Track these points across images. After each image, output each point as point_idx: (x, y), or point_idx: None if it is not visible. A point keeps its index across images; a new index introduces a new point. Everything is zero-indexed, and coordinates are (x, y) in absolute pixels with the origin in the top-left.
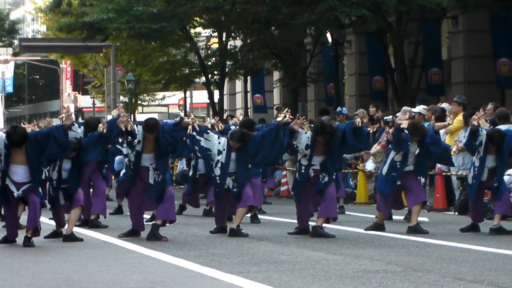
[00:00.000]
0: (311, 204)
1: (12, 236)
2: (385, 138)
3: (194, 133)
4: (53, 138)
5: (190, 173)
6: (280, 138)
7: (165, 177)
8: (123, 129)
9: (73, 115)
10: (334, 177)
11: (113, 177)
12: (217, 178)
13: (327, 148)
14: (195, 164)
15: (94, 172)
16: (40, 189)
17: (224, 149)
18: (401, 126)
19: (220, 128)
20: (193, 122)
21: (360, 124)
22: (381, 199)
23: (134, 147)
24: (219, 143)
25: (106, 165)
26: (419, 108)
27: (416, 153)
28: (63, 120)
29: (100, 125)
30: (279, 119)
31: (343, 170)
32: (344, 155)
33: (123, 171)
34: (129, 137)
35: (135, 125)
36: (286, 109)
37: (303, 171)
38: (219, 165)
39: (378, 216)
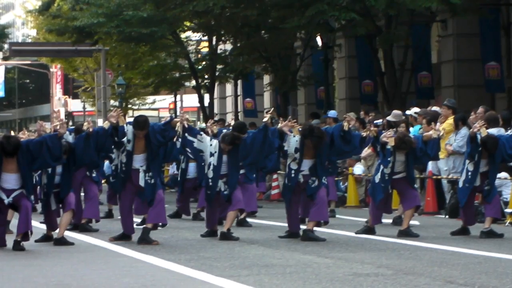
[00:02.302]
0: (301, 209)
1: (1, 243)
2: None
3: (186, 134)
4: (46, 148)
5: (178, 177)
6: (269, 139)
7: (156, 180)
8: (114, 122)
9: (66, 125)
10: (324, 181)
11: (103, 181)
12: (210, 180)
13: (316, 152)
14: (184, 168)
15: (85, 176)
16: (31, 197)
17: (215, 152)
18: (388, 145)
19: (214, 131)
20: (181, 119)
21: (347, 128)
22: (372, 205)
23: (124, 147)
24: (211, 145)
25: (96, 169)
26: (412, 111)
27: (404, 160)
28: (56, 128)
29: (85, 123)
30: (264, 119)
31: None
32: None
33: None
34: (116, 138)
35: (125, 124)
36: (272, 109)
37: (292, 175)
38: (211, 167)
39: (369, 220)
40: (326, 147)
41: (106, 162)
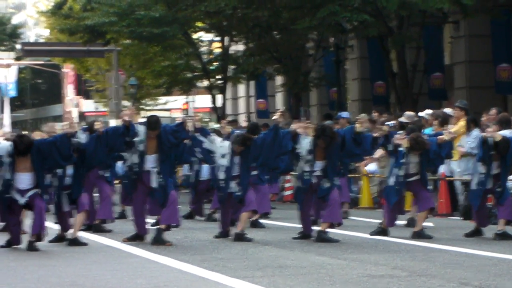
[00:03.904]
0: (313, 211)
1: (16, 242)
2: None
3: (198, 134)
4: (56, 148)
5: (192, 180)
6: (279, 139)
7: (168, 182)
8: (127, 119)
9: (76, 125)
10: (336, 182)
11: (117, 182)
12: (221, 182)
13: (327, 153)
14: (198, 170)
15: (98, 176)
16: (46, 196)
17: (227, 153)
18: (401, 147)
19: (228, 131)
20: (194, 120)
21: (359, 130)
22: (387, 207)
23: (136, 148)
24: (221, 146)
25: (109, 169)
26: (424, 113)
27: (417, 162)
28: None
29: (96, 124)
30: (275, 117)
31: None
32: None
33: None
34: (127, 138)
35: (137, 125)
36: (283, 108)
37: (305, 177)
38: (223, 168)
39: (383, 221)
40: (337, 149)
41: (119, 163)
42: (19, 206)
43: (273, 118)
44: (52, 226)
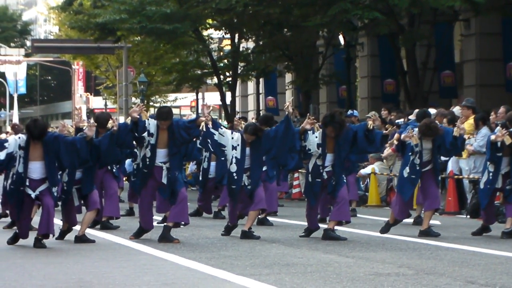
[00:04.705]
0: (320, 209)
1: (24, 236)
2: (395, 142)
3: (209, 126)
4: (76, 151)
5: (200, 177)
6: (292, 130)
7: (177, 178)
8: (136, 117)
9: (93, 128)
10: (344, 179)
11: (125, 179)
12: (234, 174)
13: (336, 145)
14: (206, 167)
15: (106, 173)
16: (55, 188)
17: (238, 144)
18: (413, 143)
19: (241, 127)
20: (207, 119)
21: (371, 127)
22: (400, 201)
23: (148, 141)
24: (232, 138)
25: (117, 166)
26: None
27: (431, 148)
28: (79, 125)
29: (110, 121)
30: (285, 106)
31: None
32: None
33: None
34: (136, 133)
35: (147, 119)
36: (291, 98)
37: (318, 171)
38: (234, 160)
39: (390, 216)
40: (347, 142)
41: (128, 160)
42: (31, 199)
43: (285, 107)
44: (59, 223)
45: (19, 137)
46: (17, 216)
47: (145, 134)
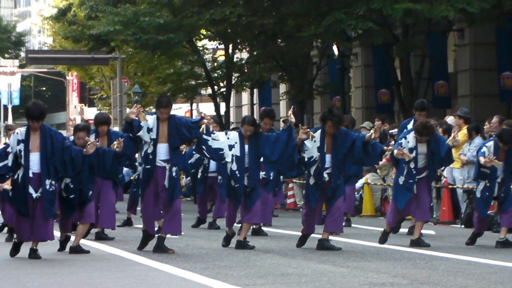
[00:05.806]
0: (317, 214)
1: (25, 238)
2: (390, 152)
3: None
4: (70, 159)
5: (199, 175)
6: (293, 141)
7: (176, 179)
8: (135, 118)
9: (96, 145)
10: (343, 186)
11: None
12: (236, 172)
13: (333, 145)
14: (206, 164)
15: (104, 183)
16: (49, 181)
17: (236, 142)
18: (406, 159)
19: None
20: (209, 122)
21: (369, 139)
22: (394, 209)
23: (149, 138)
24: (228, 138)
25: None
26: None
27: (426, 153)
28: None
29: (115, 142)
30: (289, 113)
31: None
32: None
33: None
34: (130, 134)
35: (147, 116)
36: (292, 107)
37: (319, 173)
38: (234, 159)
39: (386, 224)
40: (344, 148)
41: (125, 170)
42: (33, 199)
43: (289, 117)
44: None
45: (17, 132)
46: (16, 217)
47: (141, 132)
